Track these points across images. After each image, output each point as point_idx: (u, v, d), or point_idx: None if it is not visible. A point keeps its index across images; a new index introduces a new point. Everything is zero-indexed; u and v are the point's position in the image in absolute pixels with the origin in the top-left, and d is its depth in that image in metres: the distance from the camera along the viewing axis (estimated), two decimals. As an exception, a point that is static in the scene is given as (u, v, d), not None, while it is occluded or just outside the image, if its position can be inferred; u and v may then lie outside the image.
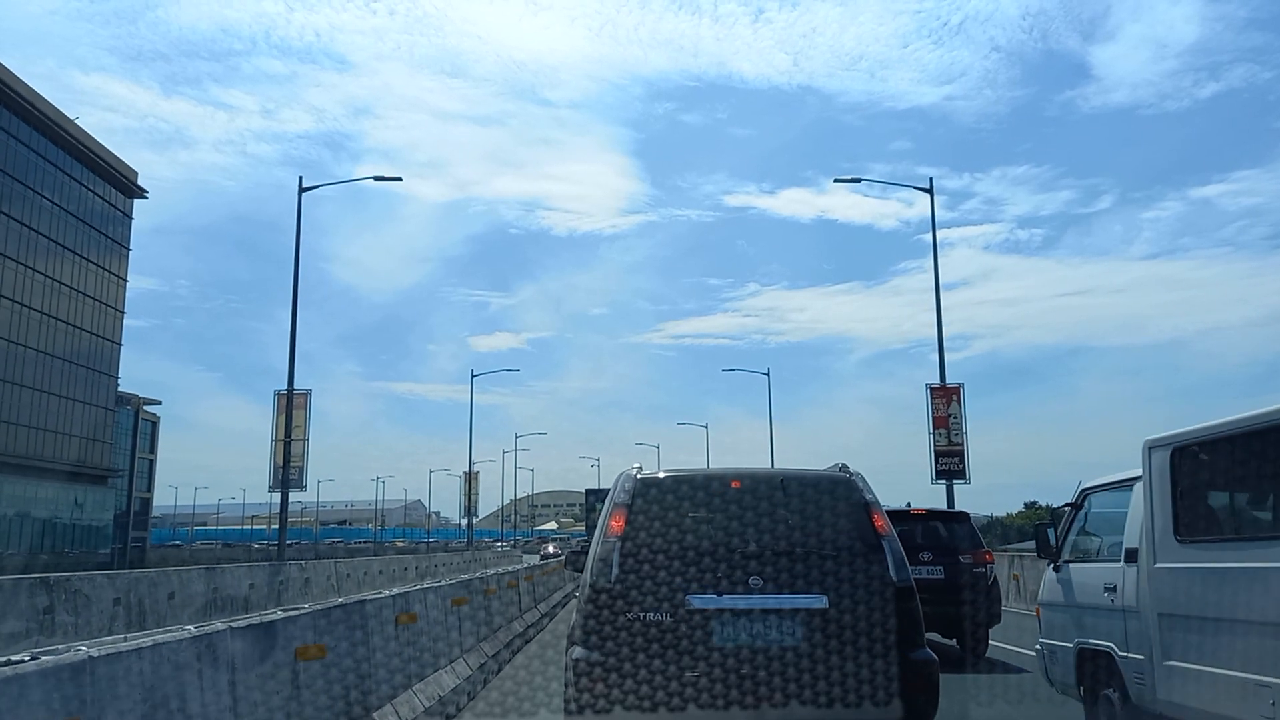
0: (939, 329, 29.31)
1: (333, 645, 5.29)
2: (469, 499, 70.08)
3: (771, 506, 5.80)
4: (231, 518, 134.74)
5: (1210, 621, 5.68)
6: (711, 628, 5.28)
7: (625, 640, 5.24)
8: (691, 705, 5.15)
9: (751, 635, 5.29)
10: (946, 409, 31.48)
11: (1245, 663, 5.31)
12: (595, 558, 5.57)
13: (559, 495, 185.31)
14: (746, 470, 6.21)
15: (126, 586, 17.47)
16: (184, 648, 3.68)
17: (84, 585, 16.11)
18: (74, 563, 56.51)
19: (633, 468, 6.13)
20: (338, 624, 5.45)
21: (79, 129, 68.39)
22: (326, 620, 5.22)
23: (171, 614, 18.56)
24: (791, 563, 5.49)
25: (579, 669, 5.23)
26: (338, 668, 5.42)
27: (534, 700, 9.00)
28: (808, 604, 5.34)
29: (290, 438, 27.66)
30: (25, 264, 62.22)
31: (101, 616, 16.43)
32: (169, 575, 19.54)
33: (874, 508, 5.90)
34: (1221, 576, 5.53)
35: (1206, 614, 5.72)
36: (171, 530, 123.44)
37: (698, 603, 5.32)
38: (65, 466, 65.65)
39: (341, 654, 5.40)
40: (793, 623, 5.31)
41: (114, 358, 73.40)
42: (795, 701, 5.16)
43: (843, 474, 6.24)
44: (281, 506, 28.36)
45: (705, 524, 5.69)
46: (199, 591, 20.29)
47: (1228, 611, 5.49)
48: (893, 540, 5.79)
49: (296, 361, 27.61)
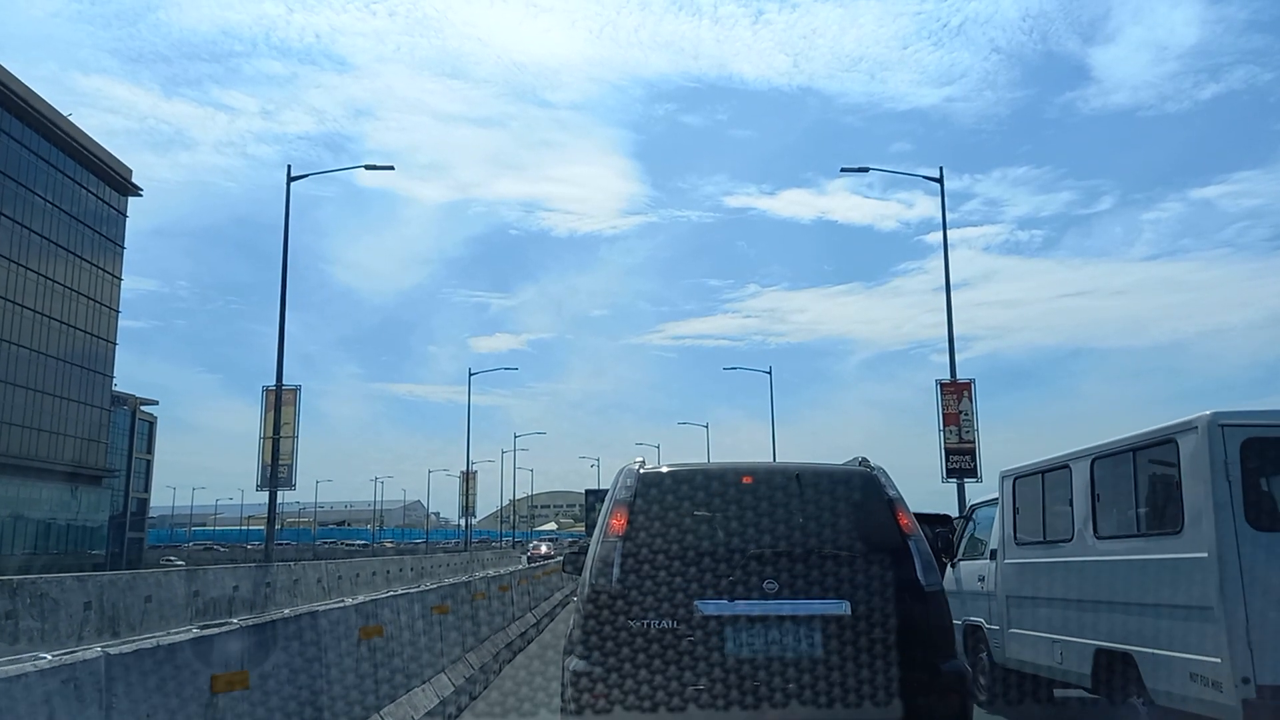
0: (949, 320, 28.41)
1: (270, 670, 4.36)
2: (466, 499, 69.17)
3: (787, 504, 5.28)
4: (230, 518, 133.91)
5: (1029, 599, 8.43)
6: (724, 636, 4.78)
7: (628, 650, 4.76)
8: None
9: (767, 644, 4.79)
10: (957, 405, 30.53)
11: (1048, 627, 7.96)
12: (594, 559, 5.08)
13: (559, 496, 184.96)
14: (759, 464, 5.75)
15: (98, 590, 16.56)
16: (35, 682, 2.76)
17: (51, 588, 15.22)
18: (68, 564, 55.59)
19: (635, 462, 5.59)
20: (276, 643, 4.51)
21: (72, 125, 67.54)
22: (258, 638, 4.27)
23: (147, 619, 17.69)
24: (809, 565, 5.01)
25: (578, 682, 4.77)
26: (278, 695, 4.49)
27: (529, 710, 8.77)
28: (828, 610, 4.86)
29: (279, 434, 26.69)
30: (18, 262, 61.41)
31: (70, 622, 15.56)
32: (145, 578, 18.62)
33: (898, 505, 5.38)
34: (1035, 569, 8.34)
35: (1025, 594, 8.50)
36: (170, 531, 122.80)
37: (708, 609, 4.84)
38: (59, 467, 64.89)
39: (281, 680, 4.47)
40: (812, 630, 4.83)
41: (109, 357, 72.62)
42: (815, 717, 4.72)
43: (864, 468, 5.70)
44: (269, 505, 27.41)
45: (714, 522, 5.25)
46: (179, 595, 19.39)
47: (1042, 591, 8.17)
48: (920, 540, 5.25)
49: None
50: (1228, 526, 5.74)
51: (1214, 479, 5.83)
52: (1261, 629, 5.54)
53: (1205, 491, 5.87)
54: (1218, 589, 5.69)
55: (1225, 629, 5.62)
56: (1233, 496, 5.77)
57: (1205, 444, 5.91)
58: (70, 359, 66.99)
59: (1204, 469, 5.90)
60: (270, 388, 26.81)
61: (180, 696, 3.51)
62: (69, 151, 66.87)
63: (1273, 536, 5.72)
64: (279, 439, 26.80)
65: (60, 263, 65.84)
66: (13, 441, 61.02)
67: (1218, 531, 5.74)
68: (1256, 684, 5.47)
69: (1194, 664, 5.87)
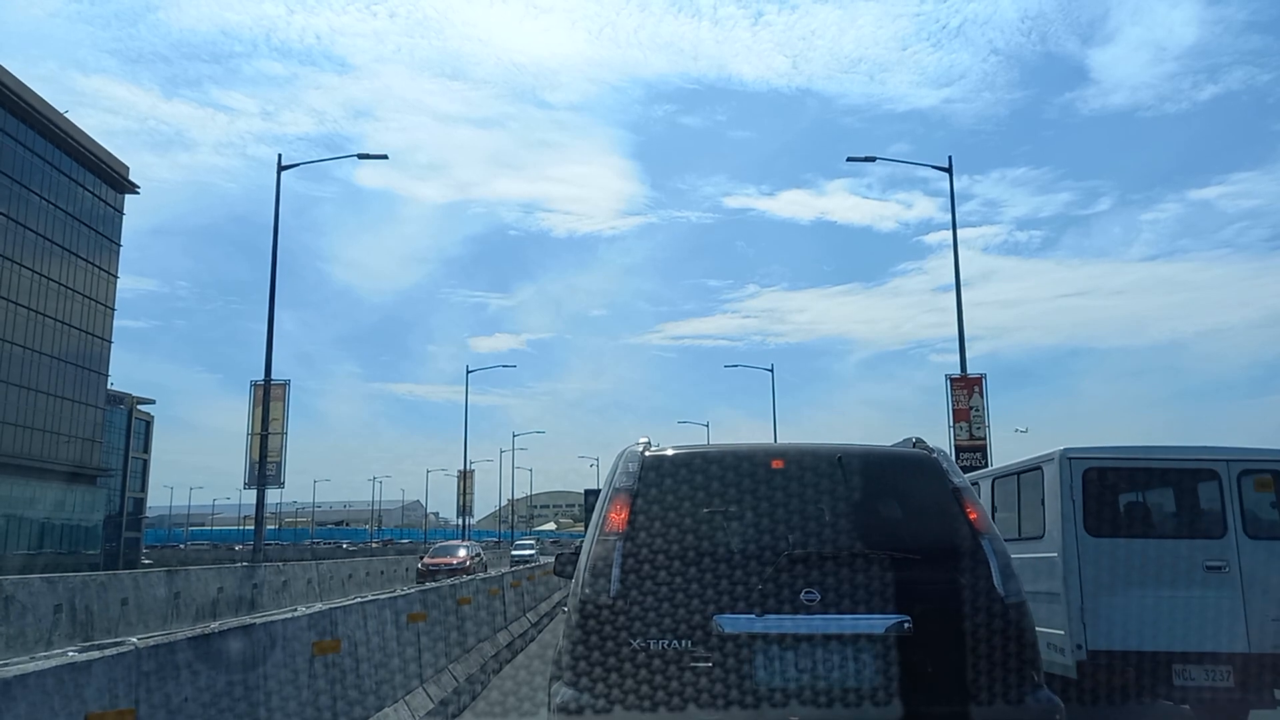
0: (959, 310, 27.57)
1: (179, 705, 3.45)
2: (463, 499, 68.19)
3: (829, 494, 4.20)
4: (228, 518, 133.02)
5: None
6: (752, 661, 3.79)
7: (630, 677, 3.78)
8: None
9: (809, 672, 3.79)
10: (968, 401, 29.63)
11: None
12: (588, 561, 4.04)
13: (558, 496, 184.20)
14: (791, 446, 4.53)
15: (70, 592, 15.68)
16: None
17: (18, 590, 14.34)
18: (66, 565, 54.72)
19: (639, 443, 4.52)
20: (191, 666, 3.61)
21: (68, 122, 66.70)
22: (159, 662, 3.34)
23: (125, 622, 16.83)
24: (857, 571, 3.97)
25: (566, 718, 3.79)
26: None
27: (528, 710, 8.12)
28: (883, 627, 3.84)
29: (267, 430, 25.76)
30: (12, 259, 60.57)
31: (39, 625, 14.69)
32: (120, 579, 17.72)
33: (965, 495, 4.30)
34: None
35: None
36: (167, 531, 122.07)
37: (731, 626, 3.83)
38: (54, 465, 64.06)
39: (192, 717, 3.56)
40: (862, 653, 3.83)
41: (104, 355, 71.78)
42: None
43: (920, 450, 4.64)
44: (258, 504, 26.47)
45: (736, 517, 4.18)
46: (159, 597, 18.52)
47: None
48: (995, 539, 4.20)
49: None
50: (1071, 534, 7.44)
51: (1063, 498, 7.55)
52: (1093, 610, 7.23)
53: (1057, 507, 7.61)
54: (1062, 580, 7.34)
55: (1066, 609, 7.27)
56: (1075, 511, 7.49)
57: (1057, 472, 7.63)
58: (66, 357, 66.19)
59: (1056, 490, 7.64)
60: (258, 382, 25.90)
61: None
62: (65, 148, 66.04)
63: (1101, 541, 7.41)
64: (267, 435, 25.87)
65: (56, 260, 65.04)
66: (7, 441, 60.21)
67: (1064, 538, 7.46)
68: (1088, 649, 7.16)
69: (1050, 636, 7.26)
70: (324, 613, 5.30)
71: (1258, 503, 7.59)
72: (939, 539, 4.15)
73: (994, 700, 3.81)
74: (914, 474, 4.44)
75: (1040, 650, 6.18)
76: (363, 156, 28.93)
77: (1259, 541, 7.36)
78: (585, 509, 67.63)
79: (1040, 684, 4.02)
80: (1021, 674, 3.91)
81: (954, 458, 28.53)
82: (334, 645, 5.16)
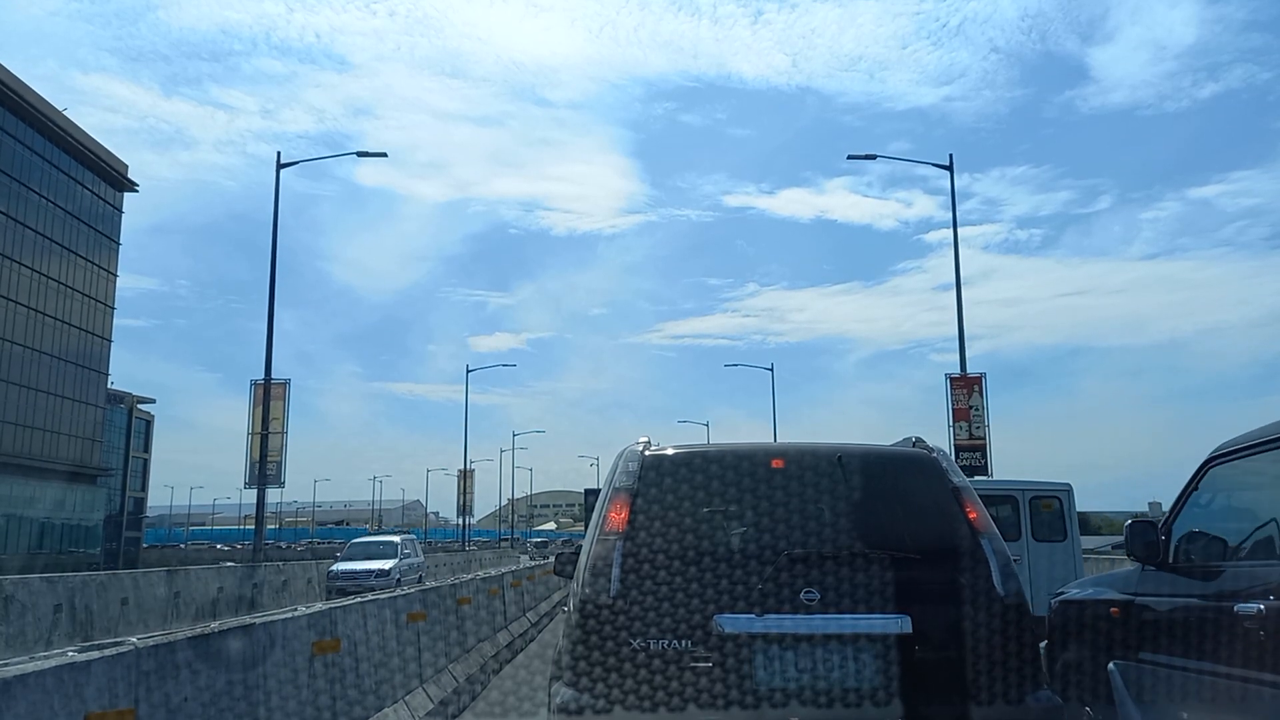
0: (959, 309, 27.59)
1: (179, 705, 3.46)
2: (463, 498, 68.14)
3: (829, 493, 4.23)
4: (229, 518, 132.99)
5: None
6: (752, 661, 3.83)
7: (630, 677, 3.82)
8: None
9: (809, 672, 3.82)
10: (967, 400, 29.67)
11: None
12: (589, 561, 4.06)
13: (558, 495, 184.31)
14: (791, 445, 4.56)
15: (69, 592, 15.69)
16: None
17: (17, 590, 14.35)
18: (66, 564, 54.70)
19: (638, 442, 4.53)
20: (191, 666, 3.61)
21: (67, 120, 66.66)
22: (159, 662, 3.35)
23: (125, 621, 16.83)
24: (857, 570, 4.00)
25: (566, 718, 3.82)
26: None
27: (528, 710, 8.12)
28: (885, 628, 3.88)
29: (267, 430, 25.75)
30: (11, 258, 60.54)
31: (39, 625, 14.71)
32: (120, 579, 17.73)
33: (965, 495, 4.33)
34: None
35: None
36: (167, 531, 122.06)
37: (731, 625, 3.87)
38: (54, 465, 64.04)
39: (193, 717, 3.56)
40: (862, 653, 3.87)
41: (104, 354, 71.75)
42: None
43: (920, 449, 4.66)
44: (258, 503, 26.47)
45: (737, 517, 4.24)
46: (159, 596, 18.54)
47: None
48: (995, 539, 4.22)
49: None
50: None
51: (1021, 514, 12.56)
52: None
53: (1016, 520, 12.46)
54: None
55: None
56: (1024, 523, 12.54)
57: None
58: (66, 356, 66.14)
59: None
60: (259, 381, 25.90)
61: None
62: (64, 147, 66.00)
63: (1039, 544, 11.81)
64: (268, 434, 25.86)
65: (55, 259, 64.98)
66: (7, 440, 60.18)
67: None
68: None
69: None
70: (324, 612, 5.31)
71: (1042, 518, 12.76)
72: (939, 539, 4.17)
73: (994, 700, 3.83)
74: (914, 473, 4.45)
75: None
76: (362, 154, 28.92)
77: (1041, 543, 12.49)
78: (585, 509, 67.54)
79: (1040, 684, 4.03)
80: (1021, 673, 3.93)
81: (954, 457, 28.61)
82: (334, 645, 5.17)
